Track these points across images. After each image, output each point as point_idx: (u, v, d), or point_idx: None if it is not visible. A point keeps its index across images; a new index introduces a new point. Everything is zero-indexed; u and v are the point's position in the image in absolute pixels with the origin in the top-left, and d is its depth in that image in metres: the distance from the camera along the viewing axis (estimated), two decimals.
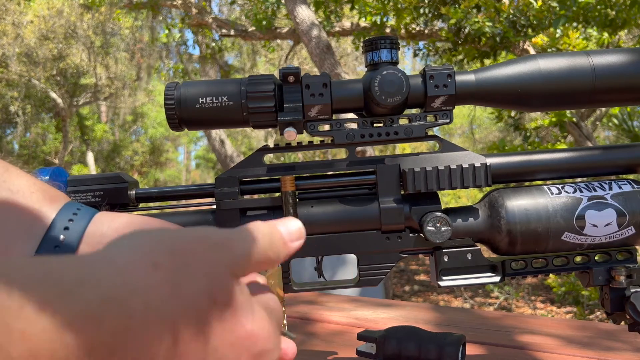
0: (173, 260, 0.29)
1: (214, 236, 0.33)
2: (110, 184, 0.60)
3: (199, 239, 0.32)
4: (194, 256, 0.30)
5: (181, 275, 0.29)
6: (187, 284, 0.29)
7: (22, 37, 9.27)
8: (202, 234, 0.33)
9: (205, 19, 5.35)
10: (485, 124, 12.24)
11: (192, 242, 0.31)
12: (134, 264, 0.28)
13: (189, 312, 0.28)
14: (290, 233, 0.37)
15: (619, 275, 0.57)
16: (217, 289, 0.30)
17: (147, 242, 0.30)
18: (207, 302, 0.29)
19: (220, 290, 0.30)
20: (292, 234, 0.37)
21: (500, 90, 0.57)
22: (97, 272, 0.26)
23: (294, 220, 0.38)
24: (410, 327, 0.69)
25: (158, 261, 0.29)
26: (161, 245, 0.30)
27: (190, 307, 0.28)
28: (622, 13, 3.34)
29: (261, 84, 0.56)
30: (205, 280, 0.30)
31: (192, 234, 0.33)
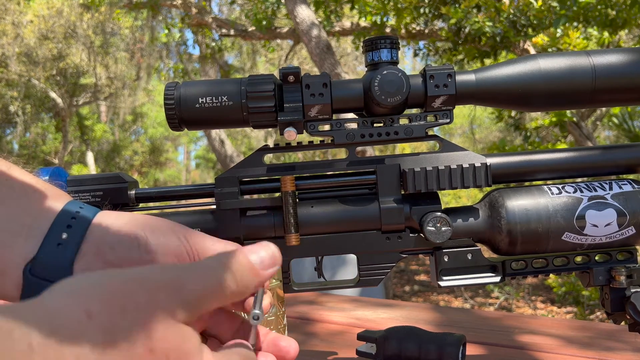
0: (108, 308, 0.28)
1: (159, 277, 0.31)
2: (110, 184, 0.59)
3: (140, 282, 0.30)
4: (131, 301, 0.29)
5: (116, 323, 0.28)
6: (122, 333, 0.27)
7: (21, 37, 9.27)
8: (145, 275, 0.31)
9: (205, 18, 5.35)
10: (486, 124, 12.25)
11: (132, 285, 0.30)
12: (67, 312, 0.27)
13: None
14: (262, 261, 0.35)
15: (619, 275, 0.57)
16: (155, 338, 0.29)
17: (84, 287, 0.29)
18: (143, 351, 0.28)
19: (159, 339, 0.29)
20: (264, 261, 0.35)
21: (500, 90, 0.57)
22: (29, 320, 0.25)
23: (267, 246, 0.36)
24: (410, 327, 0.69)
25: (92, 309, 0.27)
26: (97, 291, 0.29)
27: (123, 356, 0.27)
28: (623, 13, 3.34)
29: (261, 84, 0.56)
30: (143, 328, 0.28)
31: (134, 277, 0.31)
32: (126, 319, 0.28)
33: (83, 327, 0.27)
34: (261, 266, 0.35)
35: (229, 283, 0.33)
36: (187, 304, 0.31)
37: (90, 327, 0.27)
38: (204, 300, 0.32)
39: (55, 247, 0.41)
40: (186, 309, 0.31)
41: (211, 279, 0.32)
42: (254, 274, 0.34)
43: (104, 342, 0.27)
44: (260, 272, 0.34)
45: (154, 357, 0.28)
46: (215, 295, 0.32)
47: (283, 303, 0.66)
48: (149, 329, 0.29)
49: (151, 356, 0.28)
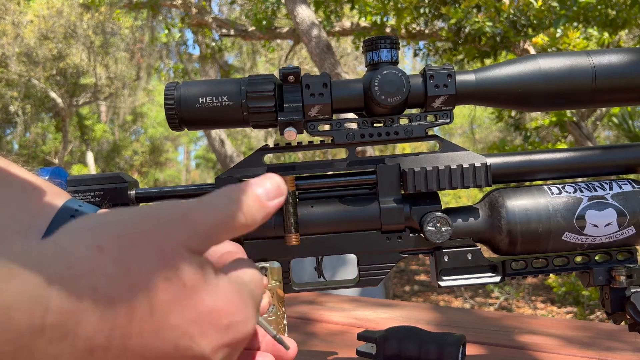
0: (119, 242, 0.29)
1: (168, 212, 0.32)
2: (110, 183, 0.60)
3: (148, 217, 0.31)
4: (142, 236, 0.29)
5: (129, 256, 0.28)
6: (136, 265, 0.28)
7: (22, 37, 9.27)
8: (153, 211, 0.32)
9: (205, 18, 5.35)
10: (486, 124, 12.24)
11: (141, 221, 0.31)
12: (78, 247, 0.28)
13: (140, 292, 0.28)
14: (267, 192, 0.35)
15: (619, 275, 0.57)
16: (170, 267, 0.29)
17: (92, 225, 0.30)
18: (159, 280, 0.29)
19: (173, 269, 0.29)
20: (270, 192, 0.35)
21: (500, 90, 0.57)
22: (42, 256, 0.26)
23: (272, 178, 0.36)
24: (410, 327, 0.69)
25: (102, 244, 0.28)
26: (107, 228, 0.30)
27: (141, 287, 0.28)
28: (623, 13, 3.34)
29: (261, 84, 0.56)
30: (157, 260, 0.29)
31: (142, 213, 0.32)
32: (138, 251, 0.29)
33: (96, 261, 0.27)
34: (267, 197, 0.35)
35: (237, 214, 0.33)
36: (198, 235, 0.32)
37: (103, 261, 0.27)
38: (213, 232, 0.32)
39: None
40: (197, 240, 0.31)
41: (220, 212, 0.33)
42: (260, 205, 0.35)
43: (119, 274, 0.27)
44: (266, 203, 0.35)
45: (170, 285, 0.29)
46: (224, 227, 0.33)
47: (283, 303, 0.66)
48: (162, 258, 0.29)
49: (167, 284, 0.29)
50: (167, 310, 0.29)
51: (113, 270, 0.27)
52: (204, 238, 0.32)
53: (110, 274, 0.27)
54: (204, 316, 0.30)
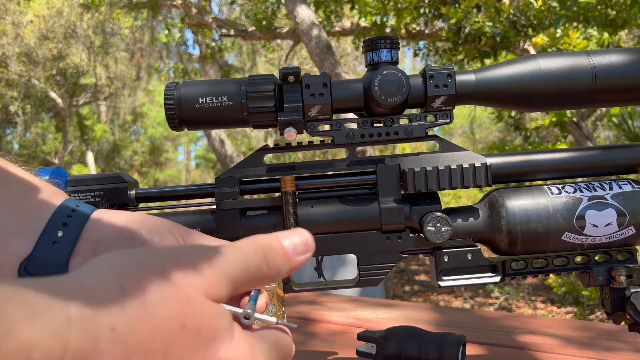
0: (141, 283, 0.28)
1: (190, 257, 0.31)
2: (110, 183, 0.59)
3: (171, 260, 0.31)
4: (164, 279, 0.29)
5: (149, 299, 0.28)
6: (155, 308, 0.28)
7: (22, 37, 9.27)
8: (176, 254, 0.32)
9: (205, 18, 5.35)
10: (486, 124, 12.24)
11: (164, 264, 0.30)
12: (101, 286, 0.28)
13: (155, 336, 0.28)
14: (294, 247, 0.35)
15: (619, 275, 0.57)
16: (186, 314, 0.29)
17: (116, 264, 0.30)
18: (176, 327, 0.28)
19: (190, 316, 0.29)
20: (297, 247, 0.35)
21: (500, 90, 0.57)
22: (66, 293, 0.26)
23: (301, 233, 0.36)
24: (410, 328, 0.69)
25: (125, 284, 0.28)
26: (130, 268, 0.29)
27: (157, 331, 0.28)
28: (623, 13, 3.34)
29: (261, 84, 0.56)
30: (175, 304, 0.29)
31: (165, 255, 0.32)
32: (159, 295, 0.28)
33: (118, 301, 0.27)
34: (294, 252, 0.35)
35: (262, 266, 0.33)
36: (220, 283, 0.31)
37: (125, 301, 0.27)
38: (235, 282, 0.32)
39: (51, 245, 0.41)
40: (218, 288, 0.31)
41: (246, 262, 0.33)
42: (286, 259, 0.34)
43: (138, 317, 0.27)
44: (292, 258, 0.35)
45: (186, 333, 0.29)
46: (249, 278, 0.33)
47: (283, 303, 0.66)
48: (182, 305, 0.29)
49: (183, 331, 0.29)
50: (179, 357, 0.28)
51: (133, 311, 0.27)
52: (225, 287, 0.32)
53: (129, 315, 0.27)
54: None
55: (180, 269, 0.30)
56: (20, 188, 0.43)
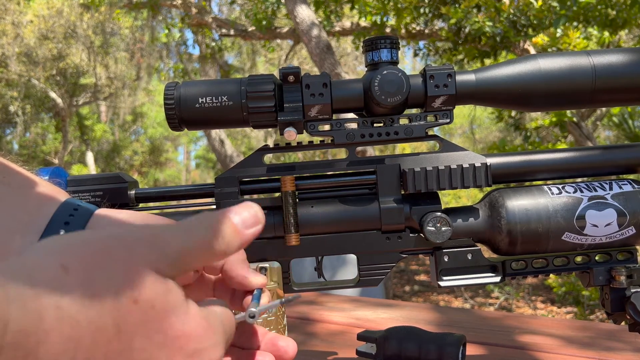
0: (84, 262, 0.28)
1: (135, 233, 0.31)
2: (110, 184, 0.59)
3: (115, 238, 0.31)
4: (108, 256, 0.29)
5: (94, 276, 0.28)
6: (101, 286, 0.28)
7: (21, 37, 9.27)
8: (119, 232, 0.32)
9: (205, 18, 5.35)
10: (486, 124, 12.24)
11: (108, 241, 0.30)
12: (43, 266, 0.27)
13: (106, 313, 0.27)
14: (244, 221, 0.35)
15: (619, 275, 0.57)
16: (137, 288, 0.29)
17: (58, 245, 0.29)
18: (127, 301, 0.28)
19: (141, 290, 0.29)
20: (246, 220, 0.35)
21: (500, 90, 0.57)
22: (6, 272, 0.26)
23: (250, 207, 0.36)
24: (410, 328, 0.69)
25: (67, 263, 0.28)
26: (72, 248, 0.29)
27: (107, 308, 0.27)
28: (623, 13, 3.34)
29: (261, 84, 0.56)
30: (123, 280, 0.28)
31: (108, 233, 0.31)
32: (104, 273, 0.28)
33: (61, 280, 0.27)
34: (243, 226, 0.35)
35: (211, 241, 0.33)
36: (168, 258, 0.31)
37: (68, 281, 0.27)
38: (185, 257, 0.32)
39: None
40: (167, 263, 0.31)
41: (192, 236, 0.32)
42: (236, 233, 0.34)
43: (83, 295, 0.27)
44: (242, 232, 0.34)
45: (139, 307, 0.28)
46: (197, 253, 0.33)
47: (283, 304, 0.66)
48: (130, 280, 0.29)
49: (135, 306, 0.28)
50: (133, 332, 0.28)
51: (78, 290, 0.27)
52: (173, 261, 0.31)
53: (75, 293, 0.27)
54: (172, 340, 0.30)
55: (125, 247, 0.30)
56: (21, 187, 0.43)
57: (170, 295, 0.30)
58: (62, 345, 0.26)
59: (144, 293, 0.29)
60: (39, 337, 0.25)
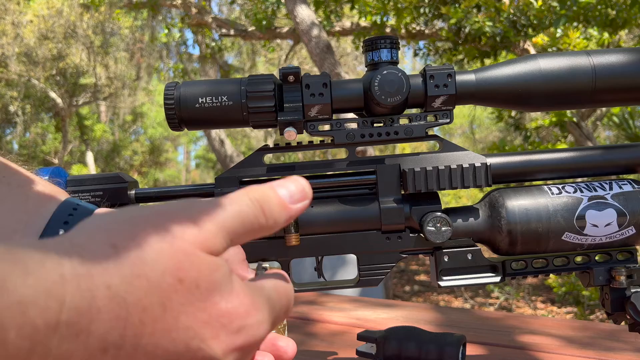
0: (133, 240, 0.28)
1: (183, 211, 0.31)
2: (110, 184, 0.59)
3: (163, 215, 0.31)
4: (156, 234, 0.29)
5: (143, 255, 0.28)
6: (150, 264, 0.28)
7: (21, 37, 9.27)
8: (167, 209, 0.32)
9: (205, 18, 5.35)
10: (486, 124, 12.24)
11: (156, 219, 0.30)
12: (94, 245, 0.28)
13: (153, 292, 0.28)
14: (291, 195, 0.34)
15: (619, 275, 0.57)
16: (183, 268, 0.29)
17: (108, 222, 0.30)
18: (173, 281, 0.28)
19: (187, 269, 0.29)
20: (294, 195, 0.34)
21: (500, 90, 0.57)
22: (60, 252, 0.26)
23: (297, 180, 0.35)
24: (410, 328, 0.69)
25: (117, 242, 0.28)
26: (120, 225, 0.29)
27: (154, 287, 0.28)
28: (623, 13, 3.34)
29: (261, 84, 0.56)
30: (170, 259, 0.29)
31: (156, 210, 0.31)
32: (153, 251, 0.28)
33: (111, 259, 0.27)
34: (290, 200, 0.34)
35: (258, 216, 0.33)
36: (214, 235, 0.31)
37: (118, 259, 0.27)
38: (231, 233, 0.32)
39: None
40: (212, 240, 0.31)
41: (239, 212, 0.32)
42: (283, 207, 0.34)
43: (133, 273, 0.27)
44: (289, 206, 0.34)
45: (184, 287, 0.29)
46: (243, 228, 0.32)
47: None
48: (177, 259, 0.29)
49: (181, 285, 0.29)
50: (179, 311, 0.29)
51: (127, 268, 0.27)
52: (220, 239, 0.31)
53: (124, 272, 0.27)
54: (215, 319, 0.30)
55: (173, 224, 0.30)
56: (21, 187, 0.43)
57: (215, 273, 0.31)
58: (112, 323, 0.26)
59: (189, 273, 0.29)
60: (92, 315, 0.25)
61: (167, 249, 0.29)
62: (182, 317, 0.29)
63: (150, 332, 0.28)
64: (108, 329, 0.26)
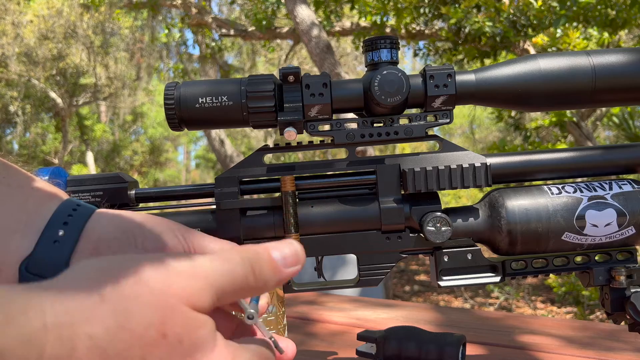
0: (121, 292, 0.28)
1: (173, 265, 0.31)
2: (110, 184, 0.59)
3: (154, 269, 0.30)
4: (145, 287, 0.29)
5: (129, 307, 0.28)
6: (135, 317, 0.28)
7: (21, 37, 9.27)
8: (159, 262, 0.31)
9: (205, 18, 5.35)
10: (486, 124, 12.24)
11: (146, 272, 0.30)
12: (80, 294, 0.27)
13: (134, 345, 0.27)
14: (284, 258, 0.34)
15: (619, 275, 0.57)
16: (168, 323, 0.29)
17: (98, 271, 0.30)
18: (156, 335, 0.28)
19: (171, 324, 0.29)
20: (287, 258, 0.34)
21: (500, 90, 0.57)
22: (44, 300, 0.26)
23: (291, 244, 0.35)
24: (410, 328, 0.69)
25: (105, 293, 0.28)
26: (110, 275, 0.29)
27: (136, 340, 0.27)
28: (623, 13, 3.34)
29: (261, 84, 0.56)
30: (156, 313, 0.28)
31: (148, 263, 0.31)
32: (139, 304, 0.28)
33: (96, 310, 0.27)
34: (283, 264, 0.34)
35: (249, 277, 0.33)
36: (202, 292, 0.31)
37: (103, 310, 0.27)
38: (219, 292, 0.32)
39: (52, 245, 0.41)
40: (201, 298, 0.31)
41: (230, 271, 0.32)
42: (274, 270, 0.34)
43: (117, 325, 0.27)
44: (281, 270, 0.34)
45: (167, 342, 0.29)
46: (233, 288, 0.32)
47: (283, 303, 0.66)
48: (163, 313, 0.29)
49: (164, 340, 0.29)
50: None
51: (111, 320, 0.27)
52: (207, 296, 0.31)
53: (108, 324, 0.27)
54: None
55: (162, 278, 0.30)
56: (20, 187, 0.43)
57: (199, 330, 0.30)
58: None
59: (173, 328, 0.29)
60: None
61: (153, 303, 0.29)
62: None
63: None
64: None
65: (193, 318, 0.30)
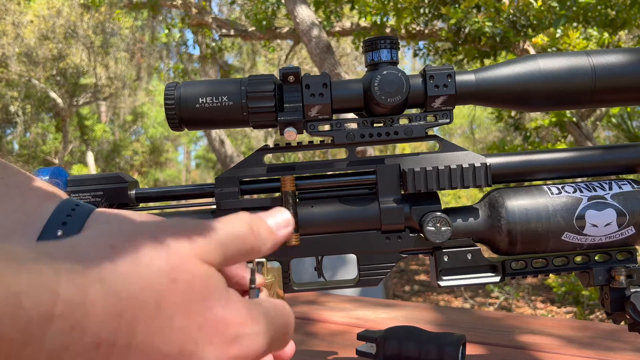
0: (132, 243, 0.29)
1: (181, 225, 0.32)
2: (110, 184, 0.60)
3: (164, 227, 0.32)
4: (154, 240, 0.30)
5: (139, 256, 0.29)
6: (145, 264, 0.29)
7: (22, 37, 9.27)
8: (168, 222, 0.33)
9: (205, 18, 5.35)
10: (485, 124, 12.24)
11: (158, 229, 0.31)
12: (93, 246, 0.29)
13: (146, 289, 0.28)
14: (277, 223, 0.37)
15: (619, 275, 0.57)
16: (178, 270, 0.30)
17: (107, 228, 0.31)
18: (166, 281, 0.29)
19: (181, 271, 0.30)
20: (279, 223, 0.38)
21: (500, 90, 0.57)
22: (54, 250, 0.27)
23: (280, 210, 0.38)
24: (410, 327, 0.69)
25: (116, 243, 0.29)
26: (121, 231, 0.31)
27: (147, 285, 0.28)
28: (622, 13, 3.34)
29: (261, 84, 0.56)
30: (165, 260, 0.29)
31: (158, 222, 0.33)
32: (150, 254, 0.29)
33: (108, 257, 0.28)
34: (276, 227, 0.37)
35: (249, 237, 0.35)
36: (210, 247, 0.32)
37: (115, 257, 0.28)
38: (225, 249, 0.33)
39: None
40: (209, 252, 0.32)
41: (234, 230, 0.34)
42: (270, 232, 0.37)
43: (127, 270, 0.28)
44: (275, 232, 0.37)
45: (178, 287, 0.29)
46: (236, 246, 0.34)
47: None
48: (172, 262, 0.30)
49: (174, 285, 0.29)
50: (173, 310, 0.29)
51: (123, 266, 0.28)
52: (216, 253, 0.32)
53: (119, 269, 0.28)
54: (210, 323, 0.30)
55: (172, 235, 0.31)
56: (19, 188, 0.43)
57: (210, 279, 0.31)
58: (105, 318, 0.26)
59: (183, 274, 0.30)
60: (86, 309, 0.26)
61: (163, 254, 0.30)
62: (176, 317, 0.29)
63: (144, 331, 0.28)
64: (101, 324, 0.26)
65: (203, 268, 0.31)
